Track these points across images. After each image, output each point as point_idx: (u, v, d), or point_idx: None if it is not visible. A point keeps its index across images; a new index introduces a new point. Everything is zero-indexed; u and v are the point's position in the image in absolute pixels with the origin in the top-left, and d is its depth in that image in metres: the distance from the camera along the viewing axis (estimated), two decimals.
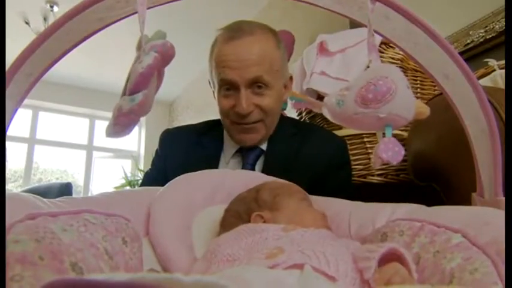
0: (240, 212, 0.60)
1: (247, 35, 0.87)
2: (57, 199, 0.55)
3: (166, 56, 0.46)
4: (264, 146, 0.97)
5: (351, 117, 0.49)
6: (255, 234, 0.49)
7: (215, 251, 0.49)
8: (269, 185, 0.66)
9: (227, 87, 0.89)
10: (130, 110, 0.45)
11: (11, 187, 4.18)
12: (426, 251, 0.42)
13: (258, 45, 0.87)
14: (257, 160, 0.96)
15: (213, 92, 0.97)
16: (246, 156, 0.96)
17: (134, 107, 0.44)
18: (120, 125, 0.47)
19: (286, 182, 0.71)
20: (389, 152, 0.46)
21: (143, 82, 0.44)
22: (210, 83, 0.98)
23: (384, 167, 1.09)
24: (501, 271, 0.33)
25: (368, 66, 1.16)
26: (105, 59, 3.87)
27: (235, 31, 0.89)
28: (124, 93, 0.47)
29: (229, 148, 0.99)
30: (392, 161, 0.46)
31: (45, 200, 0.51)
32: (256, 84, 0.87)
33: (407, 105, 0.47)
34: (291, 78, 1.00)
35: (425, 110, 0.49)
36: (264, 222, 0.57)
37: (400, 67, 1.10)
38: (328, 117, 0.54)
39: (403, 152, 0.47)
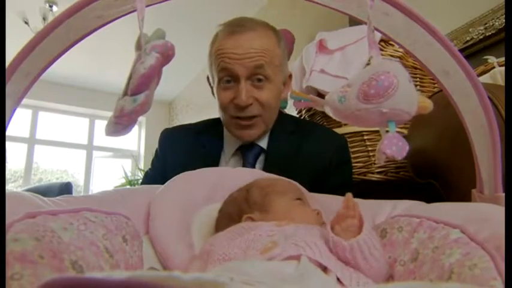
0: (231, 214, 0.59)
1: (249, 30, 0.87)
2: (57, 198, 0.55)
3: (166, 56, 0.46)
4: (264, 144, 0.96)
5: (353, 113, 0.49)
6: (249, 232, 0.49)
7: (210, 251, 0.49)
8: (259, 183, 0.64)
9: (227, 79, 0.88)
10: (132, 110, 0.45)
11: (11, 187, 4.18)
12: (425, 246, 0.42)
13: (259, 40, 0.87)
14: (257, 158, 0.95)
15: (212, 90, 0.97)
16: (246, 154, 0.95)
17: (137, 108, 0.45)
18: (122, 124, 0.47)
19: (281, 178, 0.68)
20: (393, 147, 0.46)
21: (145, 83, 0.44)
22: (209, 80, 0.98)
23: (383, 164, 1.09)
24: (500, 266, 0.33)
25: (368, 64, 1.16)
26: (105, 58, 3.87)
27: (237, 26, 0.88)
28: (125, 93, 0.47)
29: (229, 147, 0.98)
30: (397, 156, 0.46)
31: (45, 198, 0.51)
32: (256, 77, 0.87)
33: (409, 99, 0.46)
34: (290, 76, 1.00)
35: (428, 104, 0.48)
36: None
37: None
38: (331, 114, 0.54)
39: (407, 147, 0.46)
